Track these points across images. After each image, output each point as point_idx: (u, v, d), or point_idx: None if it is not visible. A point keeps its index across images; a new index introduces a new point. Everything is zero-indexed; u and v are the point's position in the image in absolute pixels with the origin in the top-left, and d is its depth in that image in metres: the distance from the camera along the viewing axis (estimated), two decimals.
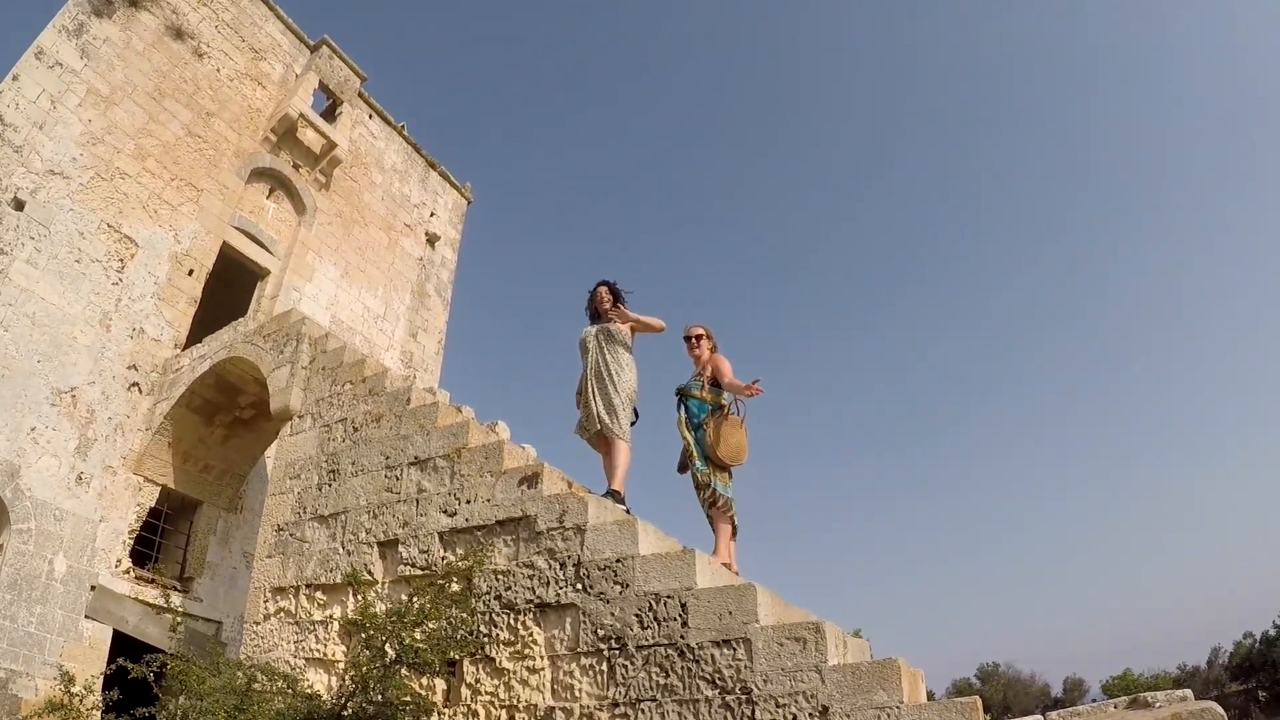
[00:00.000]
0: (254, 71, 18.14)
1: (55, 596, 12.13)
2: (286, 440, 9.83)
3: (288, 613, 8.31)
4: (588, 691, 5.45)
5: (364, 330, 19.00)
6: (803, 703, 4.45)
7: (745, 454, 6.81)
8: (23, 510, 12.08)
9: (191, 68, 16.72)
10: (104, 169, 14.57)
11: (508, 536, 6.47)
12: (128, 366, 14.06)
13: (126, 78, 15.36)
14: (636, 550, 5.58)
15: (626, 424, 7.05)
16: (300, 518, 8.76)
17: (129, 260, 14.54)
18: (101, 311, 13.90)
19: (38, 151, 13.64)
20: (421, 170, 22.63)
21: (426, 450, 7.66)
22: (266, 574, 8.81)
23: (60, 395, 13.00)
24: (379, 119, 21.48)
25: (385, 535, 7.60)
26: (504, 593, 6.24)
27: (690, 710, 4.88)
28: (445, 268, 22.60)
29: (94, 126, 14.60)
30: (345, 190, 19.63)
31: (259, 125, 17.85)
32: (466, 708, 6.12)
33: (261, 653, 8.19)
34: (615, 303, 7.57)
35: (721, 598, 5.00)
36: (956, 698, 4.18)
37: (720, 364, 7.16)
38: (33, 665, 11.60)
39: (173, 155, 15.84)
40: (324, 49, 19.30)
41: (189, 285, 15.48)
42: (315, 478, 8.89)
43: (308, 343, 10.57)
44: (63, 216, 13.74)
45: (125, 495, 13.50)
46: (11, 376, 12.44)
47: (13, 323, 12.66)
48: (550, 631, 5.85)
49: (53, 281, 13.34)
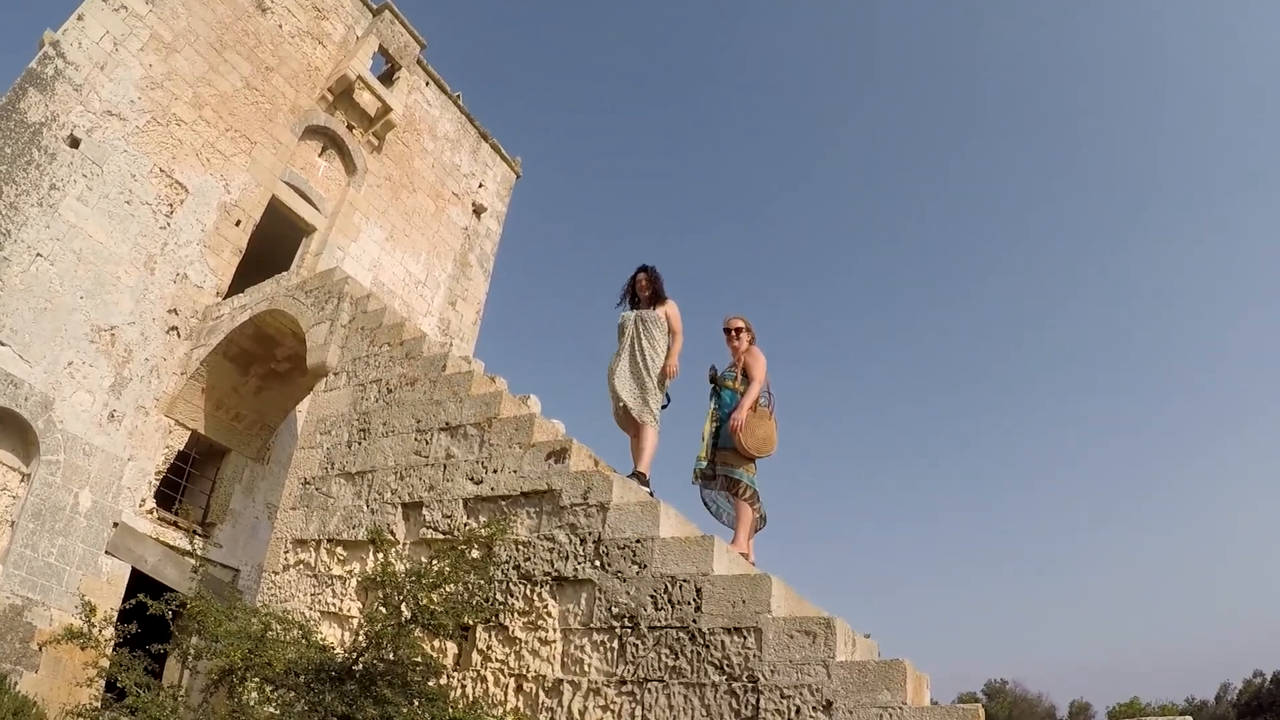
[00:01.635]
0: (315, 30, 18.26)
1: (78, 530, 12.35)
2: (320, 396, 9.95)
3: (307, 565, 8.43)
4: (597, 667, 5.51)
5: (404, 294, 19.12)
6: (807, 695, 4.48)
7: (774, 445, 6.84)
8: (53, 442, 12.29)
9: (254, 21, 16.86)
10: (161, 114, 14.75)
11: (531, 508, 6.54)
12: (168, 310, 14.25)
13: (189, 26, 15.52)
14: (657, 532, 5.63)
15: (657, 408, 7.11)
16: (328, 473, 8.88)
17: (178, 206, 14.72)
18: (147, 254, 14.09)
19: (97, 91, 13.82)
20: (473, 141, 22.70)
21: (458, 417, 7.74)
22: (289, 525, 8.94)
23: (100, 332, 13.20)
24: (435, 87, 21.54)
25: (410, 497, 7.69)
26: (523, 563, 6.31)
27: (696, 693, 4.92)
28: (489, 239, 22.68)
29: (154, 71, 14.78)
30: (396, 155, 19.74)
31: (316, 84, 17.98)
32: (476, 673, 6.20)
33: (278, 602, 8.32)
34: (651, 299, 7.62)
35: (736, 586, 5.04)
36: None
37: (754, 358, 7.18)
38: (49, 595, 11.81)
39: (229, 106, 16.01)
40: (386, 13, 19.37)
41: (235, 235, 15.66)
42: (345, 435, 9.00)
43: (349, 301, 10.69)
44: (116, 157, 13.92)
45: (155, 436, 13.70)
46: (54, 310, 12.65)
47: (59, 257, 12.86)
48: (565, 605, 5.92)
49: (101, 220, 13.53)
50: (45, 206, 12.82)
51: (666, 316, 7.46)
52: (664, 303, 7.56)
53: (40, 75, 13.14)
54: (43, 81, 13.14)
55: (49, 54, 13.31)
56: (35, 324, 12.40)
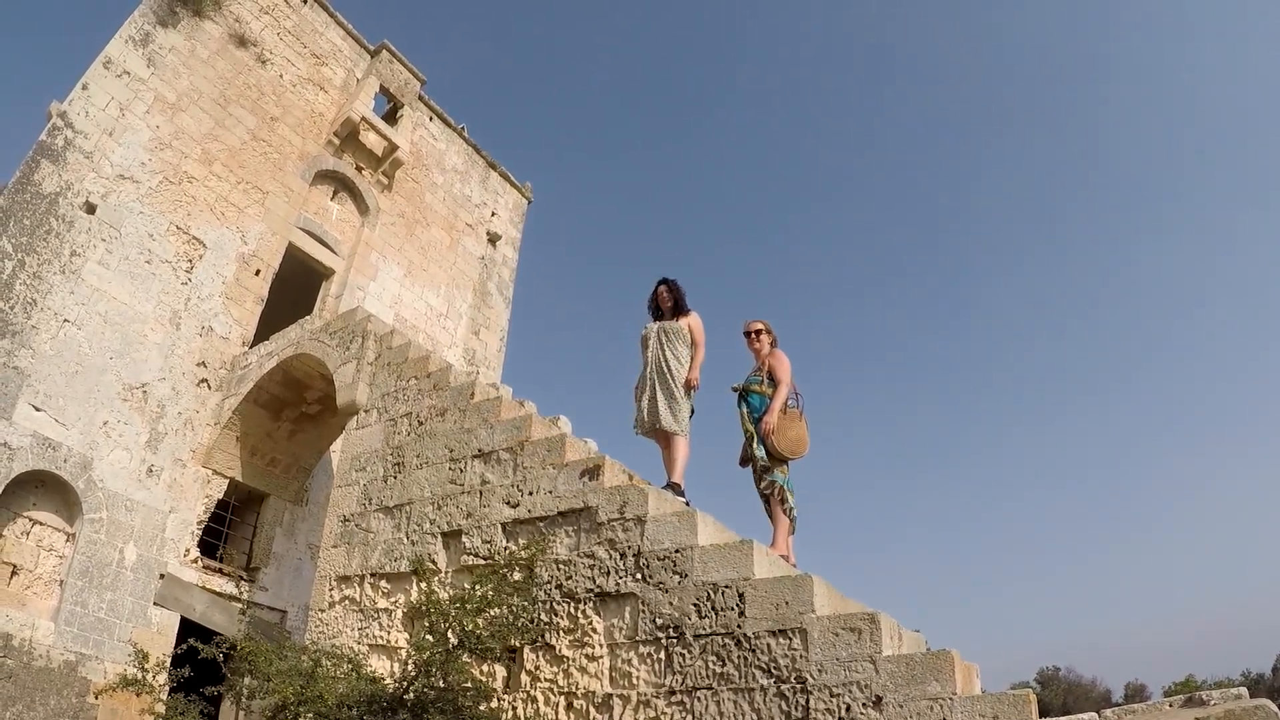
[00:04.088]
0: (316, 76, 18.51)
1: (125, 584, 12.53)
2: (352, 434, 10.07)
3: (352, 600, 8.52)
4: (645, 679, 5.55)
5: (427, 328, 19.29)
6: (856, 692, 4.50)
7: (806, 447, 6.88)
8: (95, 500, 12.49)
9: (255, 74, 17.12)
10: (172, 173, 14.99)
11: (569, 527, 6.61)
12: (197, 363, 14.45)
13: (192, 85, 15.78)
14: (695, 541, 5.68)
15: (686, 418, 7.17)
16: (365, 509, 8.98)
17: (197, 261, 14.94)
18: (171, 310, 14.30)
19: (108, 157, 14.06)
20: (482, 170, 22.91)
21: (490, 443, 7.83)
22: (332, 563, 9.04)
23: (131, 390, 13.40)
24: (439, 121, 21.79)
25: (449, 525, 7.78)
26: (565, 582, 6.37)
27: (745, 699, 4.95)
28: (506, 266, 22.86)
29: (162, 132, 15.02)
30: (407, 191, 19.95)
31: (322, 129, 18.21)
32: (526, 693, 6.25)
33: (326, 639, 8.42)
34: (674, 310, 7.69)
35: (778, 588, 5.06)
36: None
37: (778, 361, 7.23)
38: (102, 649, 12.00)
39: (238, 159, 16.24)
40: (384, 53, 19.62)
41: (256, 284, 15.86)
42: (380, 470, 9.11)
43: (373, 339, 10.81)
44: (133, 219, 14.16)
45: (194, 487, 13.88)
46: (85, 372, 12.86)
47: (86, 321, 13.08)
48: (609, 620, 5.97)
49: (124, 281, 13.75)
50: (68, 273, 13.04)
51: (689, 328, 7.52)
52: (686, 314, 7.64)
53: (51, 146, 13.37)
54: (54, 152, 13.38)
55: (57, 125, 13.55)
56: (68, 387, 12.61)
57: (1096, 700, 47.76)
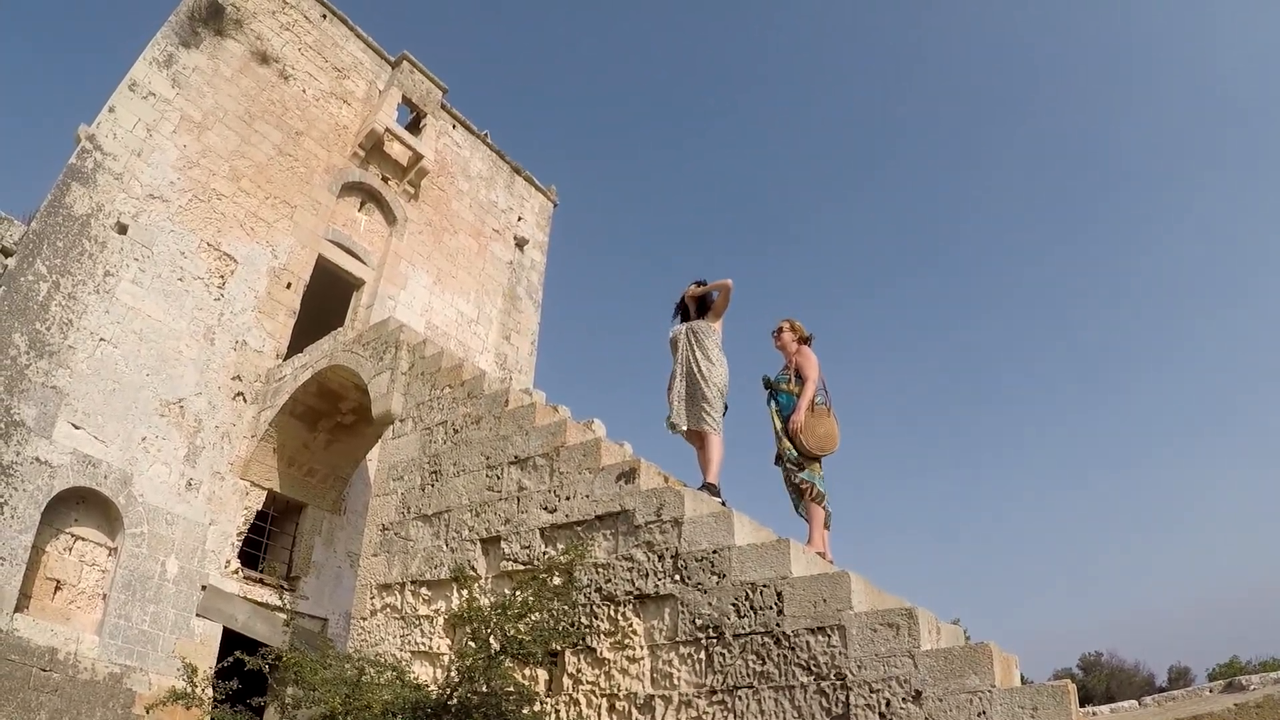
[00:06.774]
0: (338, 90, 18.70)
1: (168, 596, 12.74)
2: (389, 443, 10.18)
3: (393, 608, 8.62)
4: (686, 680, 5.59)
5: (458, 335, 19.45)
6: (896, 687, 4.51)
7: (835, 442, 6.90)
8: (136, 515, 12.71)
9: (278, 90, 17.33)
10: (201, 191, 15.21)
11: (607, 530, 6.66)
12: (232, 377, 14.66)
13: (217, 103, 16.01)
14: (732, 541, 5.72)
15: (719, 418, 7.20)
16: (404, 517, 9.08)
17: (229, 276, 15.15)
18: (205, 326, 14.51)
19: (137, 177, 14.29)
20: (507, 176, 23.06)
21: (526, 449, 7.90)
22: (372, 572, 9.15)
23: (168, 406, 13.61)
24: (463, 129, 21.93)
25: (488, 532, 7.85)
26: (604, 585, 6.43)
27: (786, 696, 4.98)
28: (535, 270, 22.99)
29: (189, 151, 15.26)
30: (433, 199, 20.11)
31: (347, 141, 18.40)
32: (568, 696, 6.31)
33: (369, 647, 8.51)
34: (700, 309, 7.71)
35: (816, 585, 5.09)
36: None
37: (805, 358, 7.25)
38: (146, 661, 12.22)
39: (265, 174, 16.45)
40: (405, 64, 19.78)
41: (287, 298, 16.06)
42: (418, 478, 9.20)
43: (406, 349, 10.93)
44: (164, 238, 14.38)
45: (233, 499, 14.08)
46: (122, 390, 13.08)
47: (121, 339, 13.30)
48: (649, 622, 6.01)
49: (157, 299, 13.97)
50: (102, 293, 13.28)
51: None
52: (711, 308, 7.68)
53: (80, 169, 13.61)
54: (84, 175, 13.61)
55: (86, 148, 13.78)
56: (106, 405, 12.83)
57: (1140, 685, 47.33)
